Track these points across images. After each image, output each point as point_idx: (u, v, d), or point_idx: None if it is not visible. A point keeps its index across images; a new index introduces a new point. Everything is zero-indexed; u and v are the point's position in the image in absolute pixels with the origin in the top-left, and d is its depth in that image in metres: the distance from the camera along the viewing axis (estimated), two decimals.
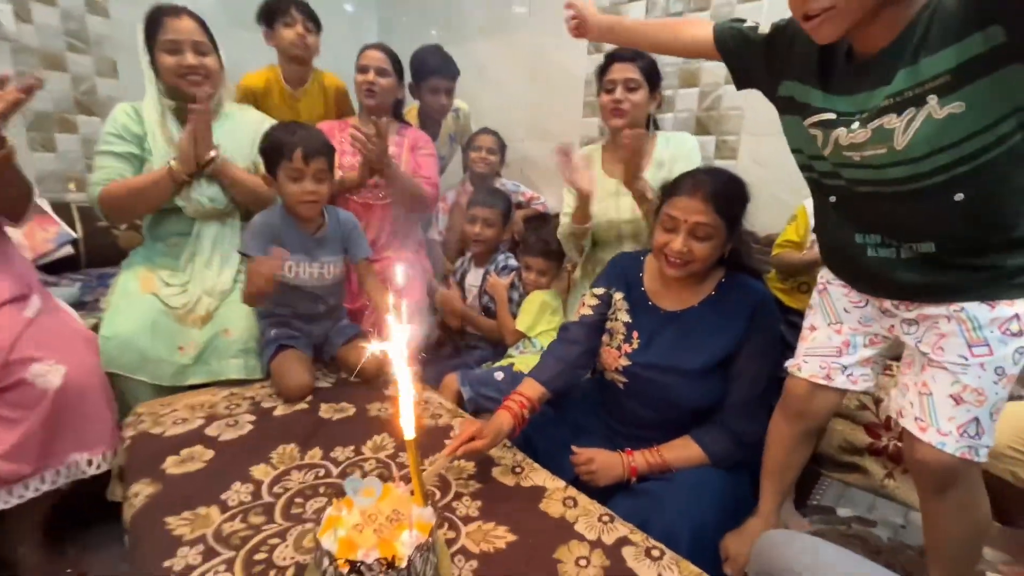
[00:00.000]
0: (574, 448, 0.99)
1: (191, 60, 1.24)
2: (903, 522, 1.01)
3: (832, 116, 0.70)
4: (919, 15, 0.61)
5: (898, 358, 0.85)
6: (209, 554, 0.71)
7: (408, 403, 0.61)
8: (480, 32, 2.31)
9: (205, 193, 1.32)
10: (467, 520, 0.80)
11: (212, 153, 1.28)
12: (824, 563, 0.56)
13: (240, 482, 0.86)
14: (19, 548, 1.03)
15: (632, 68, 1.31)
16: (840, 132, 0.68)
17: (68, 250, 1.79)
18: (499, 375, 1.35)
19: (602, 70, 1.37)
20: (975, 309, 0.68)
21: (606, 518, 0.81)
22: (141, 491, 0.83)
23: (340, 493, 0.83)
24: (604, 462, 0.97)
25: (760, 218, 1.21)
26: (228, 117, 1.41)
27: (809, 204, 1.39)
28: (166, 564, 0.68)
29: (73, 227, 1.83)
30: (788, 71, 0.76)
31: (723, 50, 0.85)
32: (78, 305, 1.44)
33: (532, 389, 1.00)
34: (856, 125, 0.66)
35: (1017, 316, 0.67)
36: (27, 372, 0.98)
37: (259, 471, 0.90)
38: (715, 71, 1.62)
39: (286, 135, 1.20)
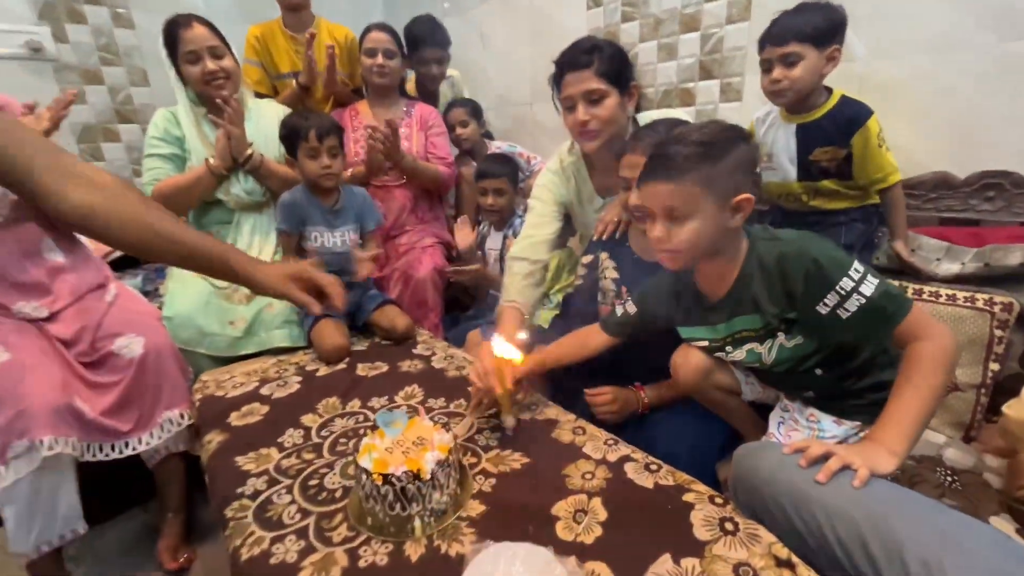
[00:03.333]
0: (587, 391, 1.06)
1: (211, 66, 1.36)
2: None
3: (707, 343, 0.87)
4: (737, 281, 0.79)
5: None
6: (272, 482, 0.85)
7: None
8: None
9: (243, 187, 1.46)
10: (487, 449, 0.91)
11: (248, 151, 1.41)
12: (788, 462, 0.63)
13: (293, 428, 1.00)
14: (168, 514, 1.23)
15: (590, 76, 1.05)
16: (721, 354, 0.86)
17: None
18: None
19: (556, 80, 1.12)
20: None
21: (611, 442, 0.90)
22: (214, 439, 0.99)
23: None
24: (623, 400, 1.04)
25: None
26: (252, 112, 1.53)
27: (758, 114, 1.35)
28: (238, 490, 0.83)
29: None
30: (675, 320, 0.91)
31: (619, 335, 1.00)
32: (142, 294, 1.62)
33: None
34: (729, 348, 0.84)
35: None
36: (113, 345, 1.16)
37: (308, 419, 1.04)
38: (716, 12, 1.59)
39: (300, 120, 1.33)
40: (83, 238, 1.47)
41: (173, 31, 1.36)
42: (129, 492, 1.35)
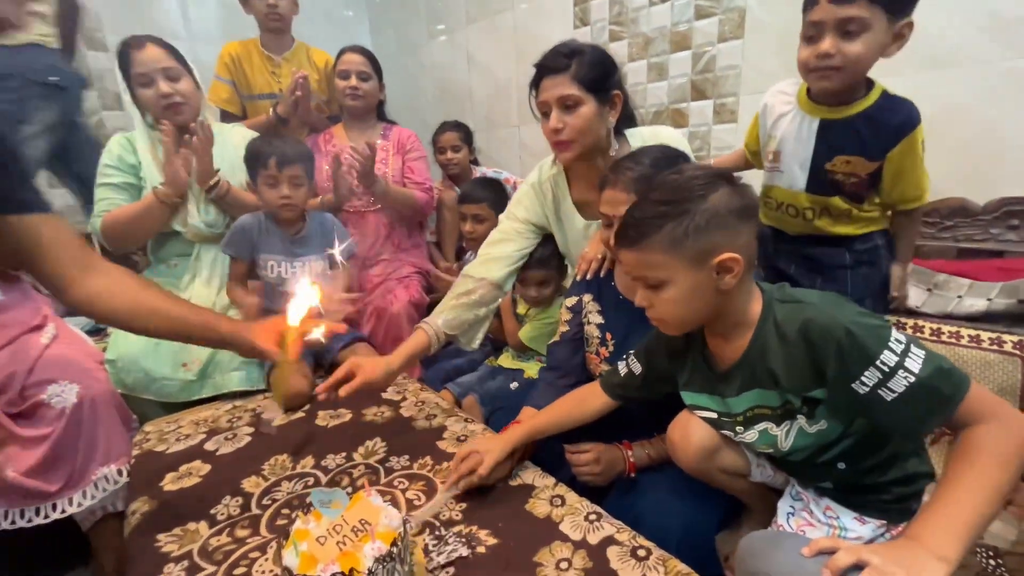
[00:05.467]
0: (568, 448, 0.93)
1: (164, 88, 1.27)
2: None
3: (715, 416, 0.74)
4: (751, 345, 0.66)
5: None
6: (192, 570, 0.72)
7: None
8: (467, 20, 2.26)
9: (203, 219, 1.36)
10: (450, 524, 0.78)
11: (214, 179, 1.32)
12: (803, 566, 0.50)
13: (231, 496, 0.88)
14: None
15: (565, 81, 0.95)
16: (729, 432, 0.74)
17: None
18: (514, 385, 1.34)
19: (534, 84, 1.02)
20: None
21: (593, 516, 0.78)
22: (138, 509, 0.86)
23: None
24: (607, 460, 0.91)
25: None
26: (216, 137, 1.43)
27: (767, 98, 1.08)
28: None
29: None
30: (681, 384, 0.78)
31: (621, 398, 0.88)
32: (93, 332, 1.50)
33: (528, 416, 0.97)
34: (740, 428, 0.72)
35: None
36: (44, 393, 1.03)
37: (250, 483, 0.91)
38: (707, 30, 1.51)
39: (263, 145, 1.24)
40: (26, 276, 1.37)
41: (126, 52, 1.29)
42: (66, 551, 1.21)
